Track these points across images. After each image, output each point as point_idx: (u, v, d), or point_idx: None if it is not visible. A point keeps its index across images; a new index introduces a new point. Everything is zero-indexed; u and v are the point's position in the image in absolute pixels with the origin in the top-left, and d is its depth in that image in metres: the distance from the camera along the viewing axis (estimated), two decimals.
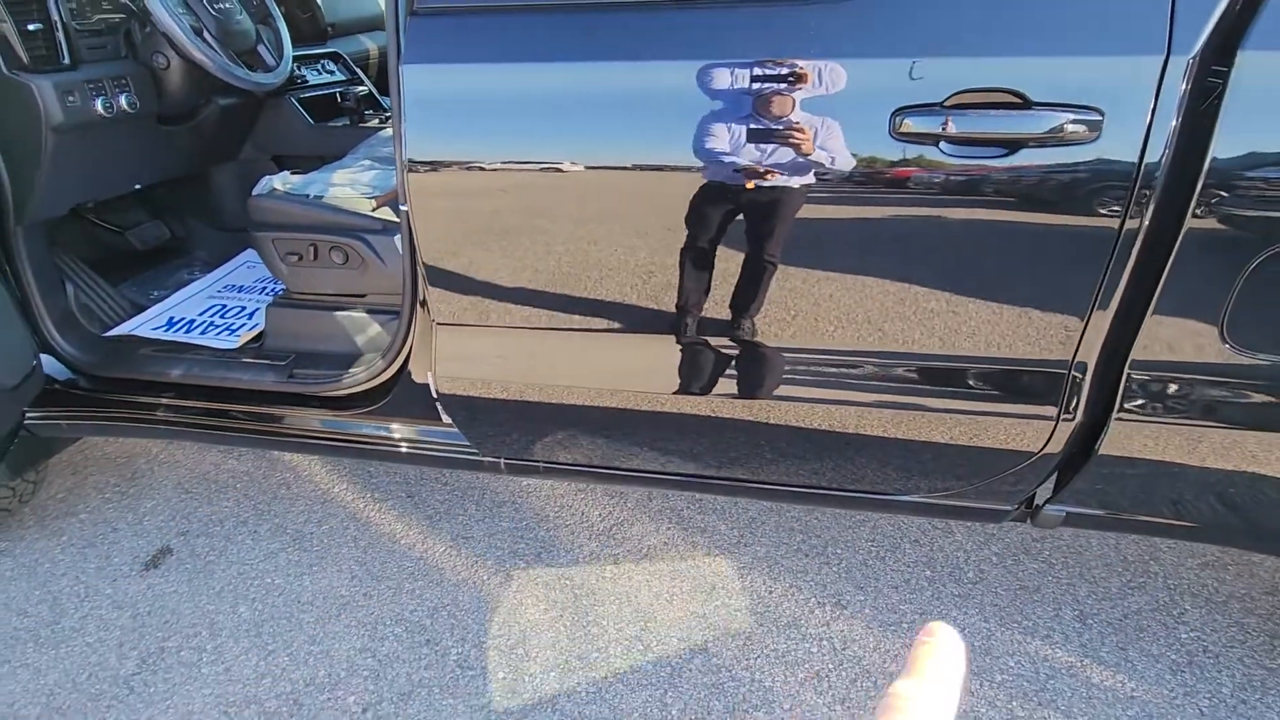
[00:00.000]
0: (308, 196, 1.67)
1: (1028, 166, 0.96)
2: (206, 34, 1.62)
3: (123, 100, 1.57)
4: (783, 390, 1.23)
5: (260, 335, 1.74)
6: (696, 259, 1.14)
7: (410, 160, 1.13)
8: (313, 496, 2.13)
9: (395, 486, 2.16)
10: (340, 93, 2.07)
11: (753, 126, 1.01)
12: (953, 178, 0.98)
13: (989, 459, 1.21)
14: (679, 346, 1.22)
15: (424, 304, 1.33)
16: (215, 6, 1.65)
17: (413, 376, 1.45)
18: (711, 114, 1.02)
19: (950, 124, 0.95)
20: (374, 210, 1.66)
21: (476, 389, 1.36)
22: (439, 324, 1.30)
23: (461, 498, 2.12)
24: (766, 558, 1.89)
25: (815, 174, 1.02)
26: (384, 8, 1.18)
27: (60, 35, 1.48)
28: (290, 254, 1.61)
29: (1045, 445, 1.16)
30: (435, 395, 1.42)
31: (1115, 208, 0.95)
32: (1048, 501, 1.28)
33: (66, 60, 1.49)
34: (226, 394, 1.62)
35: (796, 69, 0.98)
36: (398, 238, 1.56)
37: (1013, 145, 0.95)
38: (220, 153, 2.09)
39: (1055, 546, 1.91)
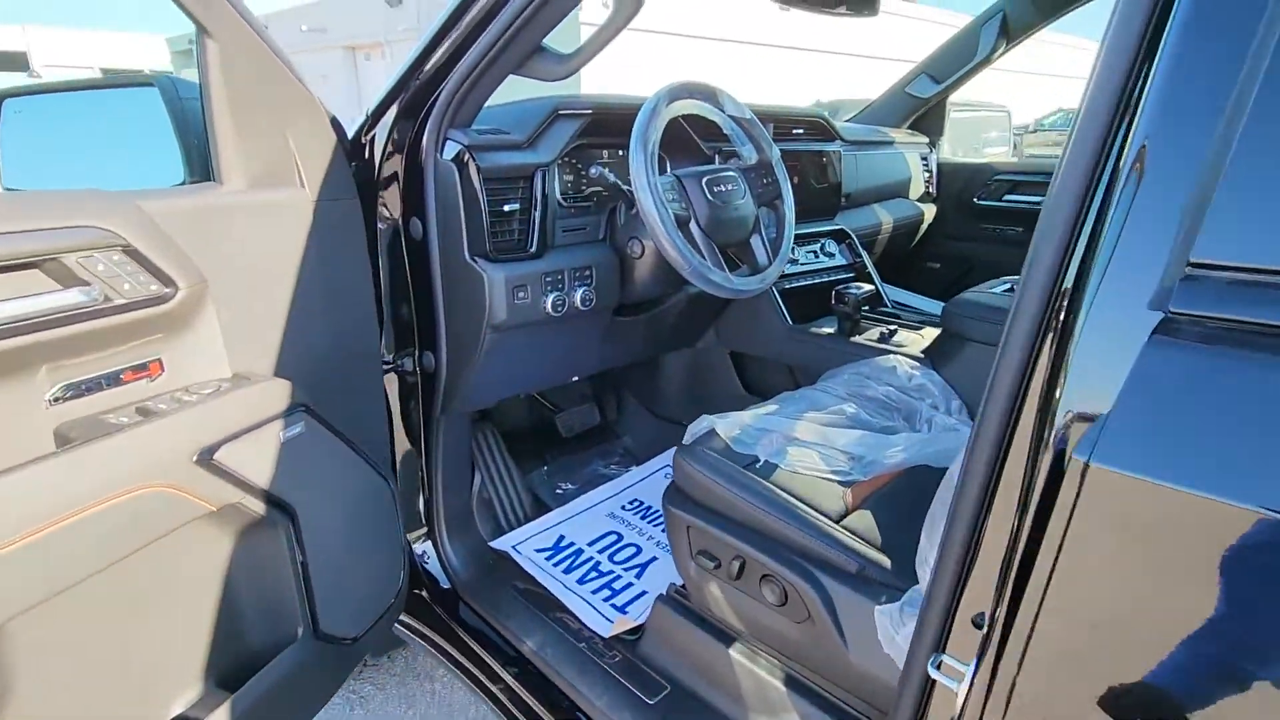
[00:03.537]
0: (756, 462, 1.11)
1: None
2: (694, 223, 1.23)
3: (577, 297, 1.26)
4: None
5: (640, 630, 1.23)
6: None
7: None
8: None
9: None
10: (837, 291, 1.54)
11: None
12: None
13: None
14: None
15: None
16: (714, 189, 1.25)
17: None
18: None
19: None
20: (846, 516, 1.01)
21: None
22: None
23: None
24: None
25: None
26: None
27: (536, 215, 1.22)
28: (703, 554, 1.06)
29: None
30: None
31: None
32: None
33: (533, 247, 1.22)
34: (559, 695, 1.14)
35: None
36: (892, 608, 0.86)
37: None
38: (675, 342, 1.75)
39: None
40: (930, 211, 2.29)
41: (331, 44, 16.03)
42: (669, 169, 1.44)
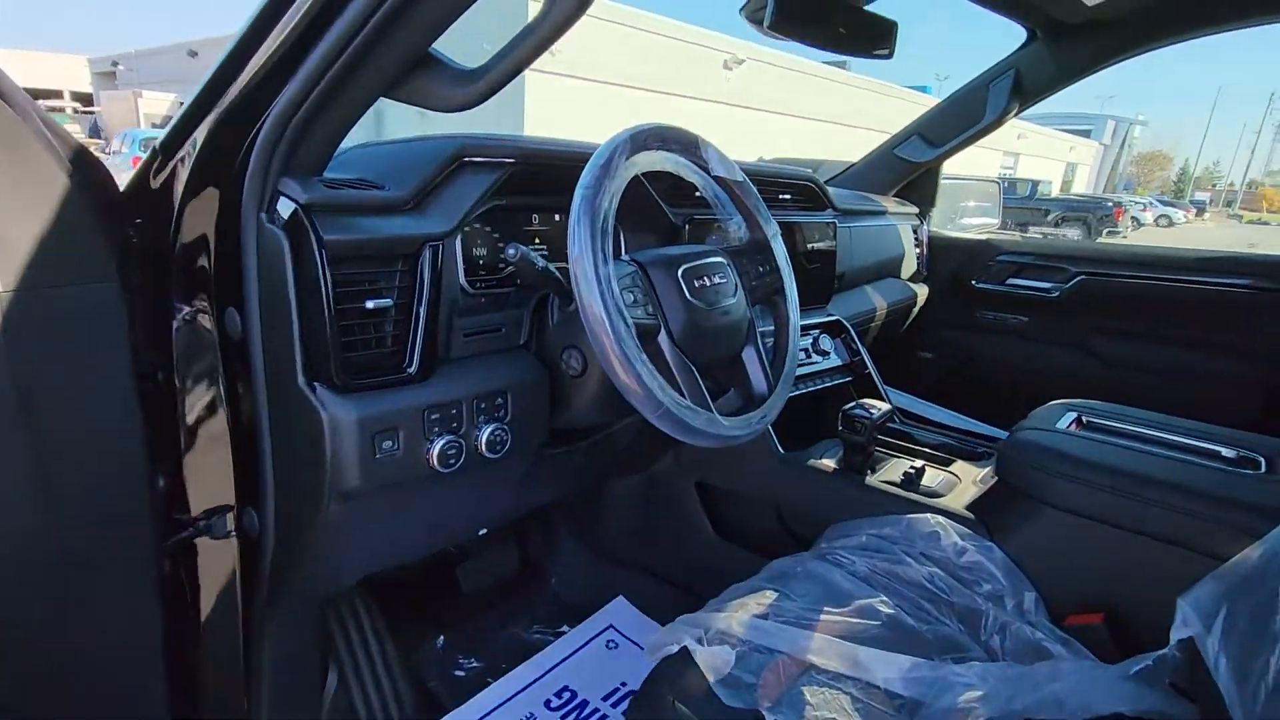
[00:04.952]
0: None
1: None
2: (664, 334, 0.83)
3: (483, 438, 0.83)
4: None
5: None
6: None
7: None
8: None
9: None
10: (845, 413, 1.14)
11: None
12: None
13: None
14: None
15: None
16: (695, 284, 0.85)
17: None
18: None
19: None
20: None
21: None
22: None
23: None
24: None
25: None
26: None
27: (420, 313, 0.78)
28: None
29: None
30: None
31: None
32: None
33: (413, 365, 0.79)
34: None
35: None
36: None
37: None
38: (623, 469, 1.32)
39: None
40: (922, 293, 1.96)
41: None
42: (623, 248, 1.03)
